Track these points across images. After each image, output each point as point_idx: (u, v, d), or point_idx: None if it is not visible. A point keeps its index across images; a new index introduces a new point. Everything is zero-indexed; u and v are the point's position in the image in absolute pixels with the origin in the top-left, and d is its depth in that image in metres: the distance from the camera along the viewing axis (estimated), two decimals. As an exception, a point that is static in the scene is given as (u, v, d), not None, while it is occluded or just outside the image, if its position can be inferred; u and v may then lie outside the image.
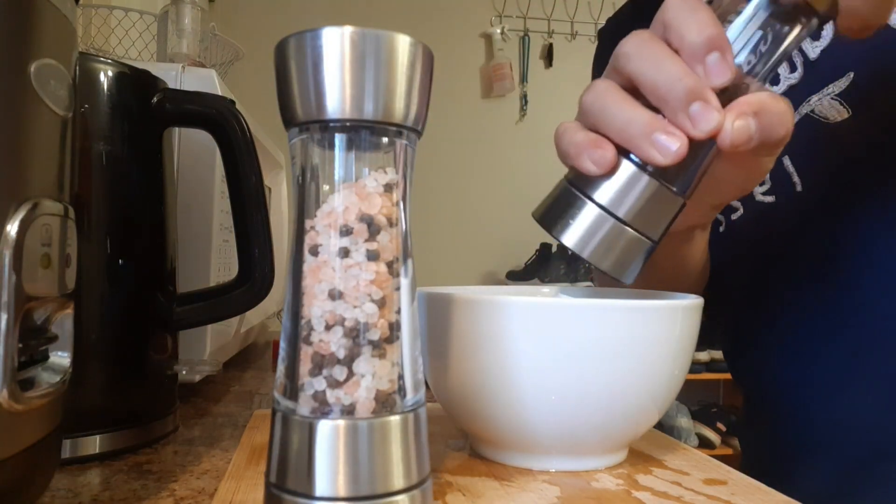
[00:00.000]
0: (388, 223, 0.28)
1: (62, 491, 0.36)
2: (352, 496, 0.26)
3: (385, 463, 0.27)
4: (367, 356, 0.27)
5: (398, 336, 0.28)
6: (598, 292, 0.53)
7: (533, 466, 0.40)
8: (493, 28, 2.81)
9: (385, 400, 0.27)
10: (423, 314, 0.41)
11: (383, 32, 0.26)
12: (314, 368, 0.27)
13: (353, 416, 0.27)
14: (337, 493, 0.26)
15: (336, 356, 0.27)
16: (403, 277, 0.29)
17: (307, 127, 0.27)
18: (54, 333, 0.29)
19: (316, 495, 0.26)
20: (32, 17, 0.26)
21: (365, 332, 0.27)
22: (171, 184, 0.49)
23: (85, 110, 0.42)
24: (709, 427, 2.66)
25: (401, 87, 0.27)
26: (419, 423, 0.29)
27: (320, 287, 0.27)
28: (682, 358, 0.40)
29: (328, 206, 0.28)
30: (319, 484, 0.26)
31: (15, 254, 0.24)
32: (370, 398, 0.27)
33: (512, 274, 2.70)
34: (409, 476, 0.27)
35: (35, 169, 0.27)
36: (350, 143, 0.28)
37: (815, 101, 0.48)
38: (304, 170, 0.28)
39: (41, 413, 0.27)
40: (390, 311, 0.28)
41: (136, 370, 0.45)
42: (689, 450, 0.45)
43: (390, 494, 0.27)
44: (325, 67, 0.26)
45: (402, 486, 0.27)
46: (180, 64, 0.63)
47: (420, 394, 0.29)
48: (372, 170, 0.28)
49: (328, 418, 0.27)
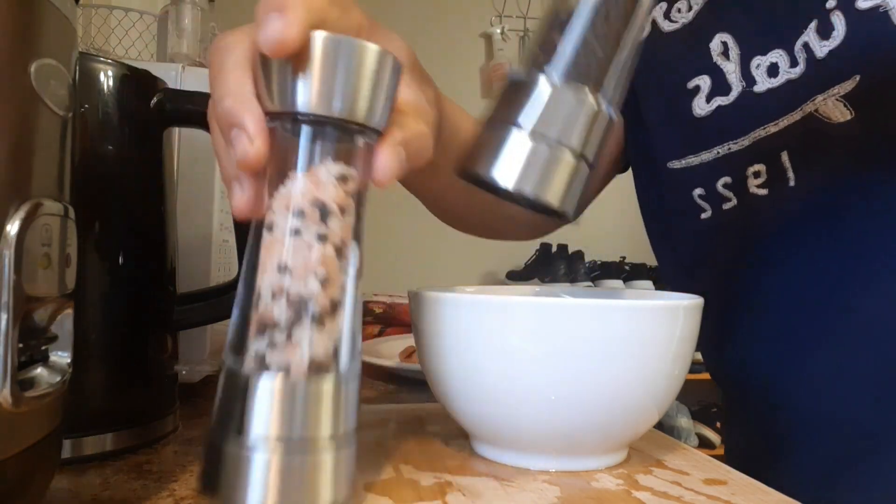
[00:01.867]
0: (339, 211, 0.31)
1: (62, 491, 0.36)
2: (284, 436, 0.29)
3: (316, 414, 0.30)
4: (305, 326, 0.30)
5: (339, 313, 0.31)
6: (598, 292, 0.53)
7: (533, 466, 0.40)
8: (493, 28, 2.81)
9: (319, 366, 0.30)
10: (422, 314, 0.41)
11: (355, 40, 0.30)
12: (258, 332, 0.30)
13: (289, 377, 0.29)
14: (269, 433, 0.29)
15: (278, 322, 0.29)
16: (351, 264, 0.31)
17: (279, 116, 0.30)
18: (54, 333, 0.29)
19: (251, 434, 0.29)
20: (32, 17, 0.26)
21: (307, 304, 0.30)
22: (171, 184, 0.49)
23: (85, 110, 0.42)
24: (709, 427, 2.66)
25: (366, 89, 0.30)
26: (349, 387, 0.31)
27: (272, 261, 0.30)
28: (682, 358, 0.40)
29: (286, 189, 0.30)
30: (255, 425, 0.29)
31: (15, 254, 0.24)
32: (305, 363, 0.30)
33: (512, 274, 2.70)
34: (336, 427, 0.30)
35: (35, 169, 0.26)
36: (315, 136, 0.30)
37: (820, 101, 0.48)
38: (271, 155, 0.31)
39: (41, 413, 0.27)
40: (333, 290, 0.30)
41: (136, 370, 0.45)
42: (689, 450, 0.45)
43: (318, 438, 0.30)
44: (299, 65, 0.29)
45: (329, 433, 0.30)
46: (180, 64, 0.63)
47: (355, 364, 0.32)
48: (331, 162, 0.31)
49: (267, 376, 0.29)
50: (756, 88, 0.51)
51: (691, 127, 0.55)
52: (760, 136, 0.52)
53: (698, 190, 0.56)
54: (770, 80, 0.51)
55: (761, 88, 0.51)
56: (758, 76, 0.51)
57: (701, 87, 0.55)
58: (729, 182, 0.54)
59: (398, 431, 0.48)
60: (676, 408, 2.61)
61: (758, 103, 0.51)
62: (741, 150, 0.53)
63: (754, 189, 0.53)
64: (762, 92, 0.51)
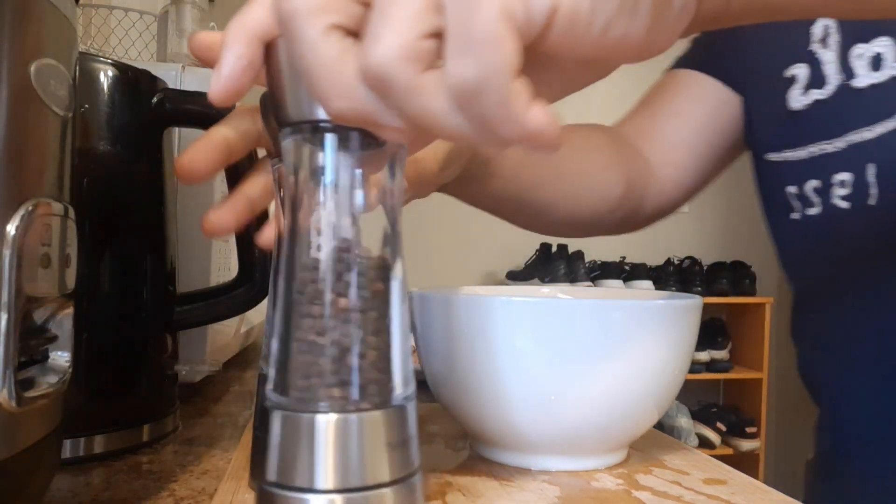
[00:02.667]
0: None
1: (62, 491, 0.36)
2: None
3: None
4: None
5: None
6: (598, 292, 0.53)
7: (533, 466, 0.40)
8: (493, 28, 2.81)
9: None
10: (423, 314, 0.41)
11: None
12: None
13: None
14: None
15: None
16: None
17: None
18: (54, 333, 0.29)
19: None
20: (32, 17, 0.26)
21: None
22: (171, 184, 0.49)
23: (85, 110, 0.42)
24: (709, 427, 2.66)
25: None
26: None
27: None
28: (682, 358, 0.40)
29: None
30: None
31: (15, 254, 0.24)
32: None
33: (512, 274, 2.70)
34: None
35: (35, 169, 0.27)
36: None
37: None
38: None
39: (41, 413, 0.27)
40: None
41: (136, 370, 0.45)
42: (689, 450, 0.45)
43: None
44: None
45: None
46: (180, 64, 0.63)
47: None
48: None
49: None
50: (855, 83, 0.48)
51: (789, 120, 0.52)
52: (854, 141, 0.48)
53: (791, 187, 0.53)
54: (872, 75, 0.47)
55: (861, 83, 0.47)
56: (858, 67, 0.47)
57: (798, 77, 0.51)
58: (818, 186, 0.51)
59: (398, 431, 0.48)
60: (676, 408, 2.61)
61: (857, 101, 0.48)
62: (834, 152, 0.49)
63: (837, 199, 0.49)
64: (862, 87, 0.47)
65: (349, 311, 0.28)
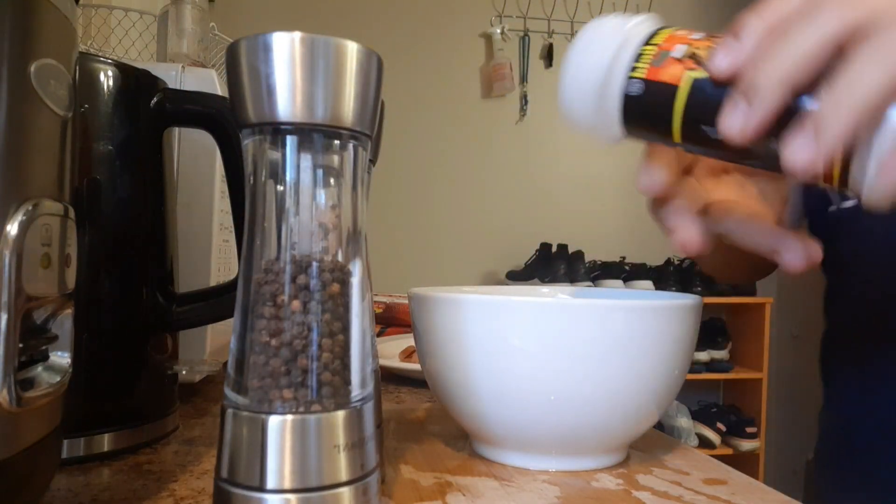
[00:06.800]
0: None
1: (62, 491, 0.36)
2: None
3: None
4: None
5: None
6: (599, 292, 0.53)
7: (532, 466, 0.40)
8: (493, 28, 2.81)
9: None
10: (422, 315, 0.41)
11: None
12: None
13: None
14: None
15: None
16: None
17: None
18: (54, 333, 0.29)
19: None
20: (32, 17, 0.26)
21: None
22: (171, 184, 0.49)
23: (85, 110, 0.42)
24: (709, 427, 2.65)
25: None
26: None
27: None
28: (682, 358, 0.40)
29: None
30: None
31: (15, 254, 0.24)
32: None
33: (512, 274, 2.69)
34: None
35: (35, 169, 0.27)
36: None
37: None
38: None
39: (41, 413, 0.27)
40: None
41: (136, 370, 0.45)
42: (689, 450, 0.45)
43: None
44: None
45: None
46: (180, 64, 0.63)
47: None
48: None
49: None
50: None
51: None
52: None
53: None
54: None
55: None
56: None
57: None
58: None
59: (398, 431, 0.48)
60: (676, 408, 2.61)
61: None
62: None
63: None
64: None
65: (303, 314, 0.28)
